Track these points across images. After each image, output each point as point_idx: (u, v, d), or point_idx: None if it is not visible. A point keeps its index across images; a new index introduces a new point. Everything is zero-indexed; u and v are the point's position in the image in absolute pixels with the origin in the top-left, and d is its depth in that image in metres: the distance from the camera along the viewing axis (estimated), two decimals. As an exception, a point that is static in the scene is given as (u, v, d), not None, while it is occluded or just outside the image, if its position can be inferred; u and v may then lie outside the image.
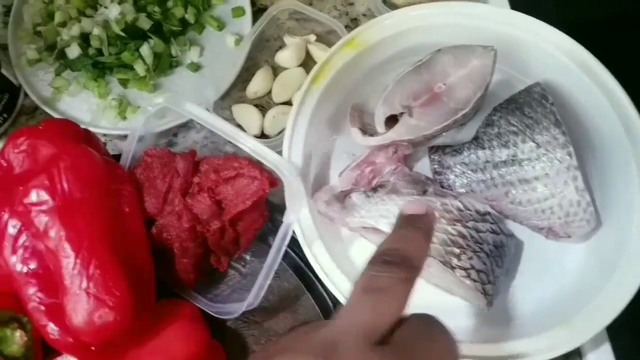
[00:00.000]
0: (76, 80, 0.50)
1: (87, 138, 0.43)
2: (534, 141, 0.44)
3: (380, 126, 0.44)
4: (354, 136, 0.45)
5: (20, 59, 0.50)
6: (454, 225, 0.40)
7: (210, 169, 0.42)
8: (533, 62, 0.49)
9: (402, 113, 0.44)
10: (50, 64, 0.51)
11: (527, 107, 0.46)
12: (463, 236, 0.39)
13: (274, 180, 0.40)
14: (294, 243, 0.41)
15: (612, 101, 0.45)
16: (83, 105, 0.50)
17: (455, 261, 0.38)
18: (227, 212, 0.40)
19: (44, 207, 0.36)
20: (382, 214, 0.41)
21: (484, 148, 0.46)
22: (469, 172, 0.46)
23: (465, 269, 0.38)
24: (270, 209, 0.42)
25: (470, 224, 0.40)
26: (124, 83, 0.50)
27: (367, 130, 0.46)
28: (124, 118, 0.49)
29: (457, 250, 0.39)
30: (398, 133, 0.44)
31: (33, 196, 0.37)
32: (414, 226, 0.23)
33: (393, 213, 0.40)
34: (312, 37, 0.52)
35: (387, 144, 0.44)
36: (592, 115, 0.47)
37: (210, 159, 0.42)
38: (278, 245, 0.37)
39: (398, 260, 0.21)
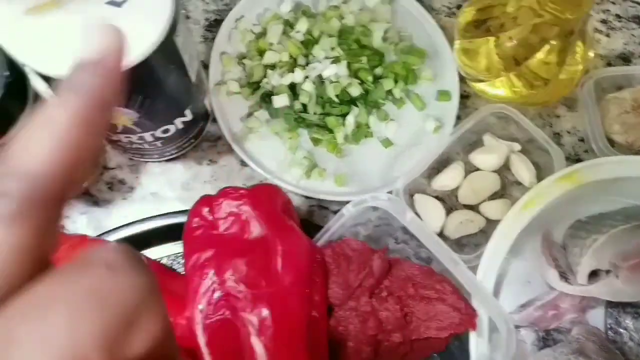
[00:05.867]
0: (270, 126, 0.48)
1: (289, 206, 0.42)
2: None
3: (582, 278, 0.42)
4: (551, 278, 0.43)
5: (220, 88, 0.49)
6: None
7: (405, 278, 0.40)
8: None
9: (607, 270, 0.42)
10: (246, 99, 0.49)
11: None
12: None
13: (474, 322, 0.38)
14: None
15: None
16: (269, 151, 0.48)
17: None
18: (413, 330, 0.39)
19: (253, 284, 0.35)
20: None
21: (672, 321, 0.44)
22: (648, 341, 0.44)
23: None
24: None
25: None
26: (315, 141, 0.48)
27: (563, 272, 0.43)
28: (308, 177, 0.47)
29: None
30: (599, 291, 0.42)
31: (244, 272, 0.36)
32: (67, 94, 0.14)
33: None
34: (517, 147, 0.49)
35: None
36: None
37: (404, 264, 0.41)
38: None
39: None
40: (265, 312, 0.34)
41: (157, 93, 0.36)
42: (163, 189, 0.49)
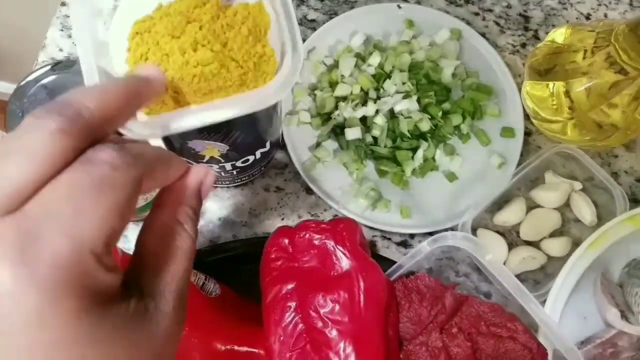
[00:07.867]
0: (338, 156, 0.50)
1: (363, 240, 0.43)
2: None
3: (646, 320, 0.43)
4: (612, 317, 0.44)
5: (291, 117, 0.50)
6: None
7: (476, 315, 0.41)
8: None
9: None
10: (315, 129, 0.51)
11: None
12: None
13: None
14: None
15: None
16: (335, 180, 0.50)
17: None
18: (483, 368, 0.40)
19: (337, 320, 0.37)
20: None
21: None
22: None
23: None
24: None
25: None
26: (381, 173, 0.49)
27: (622, 312, 0.44)
28: (374, 208, 0.49)
29: None
30: (663, 334, 0.42)
31: (328, 307, 0.37)
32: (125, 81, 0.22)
33: None
34: (578, 185, 0.50)
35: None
36: None
37: (473, 301, 0.42)
38: None
39: (56, 108, 0.17)
40: (349, 348, 0.35)
41: (251, 129, 0.38)
42: (230, 214, 0.50)
